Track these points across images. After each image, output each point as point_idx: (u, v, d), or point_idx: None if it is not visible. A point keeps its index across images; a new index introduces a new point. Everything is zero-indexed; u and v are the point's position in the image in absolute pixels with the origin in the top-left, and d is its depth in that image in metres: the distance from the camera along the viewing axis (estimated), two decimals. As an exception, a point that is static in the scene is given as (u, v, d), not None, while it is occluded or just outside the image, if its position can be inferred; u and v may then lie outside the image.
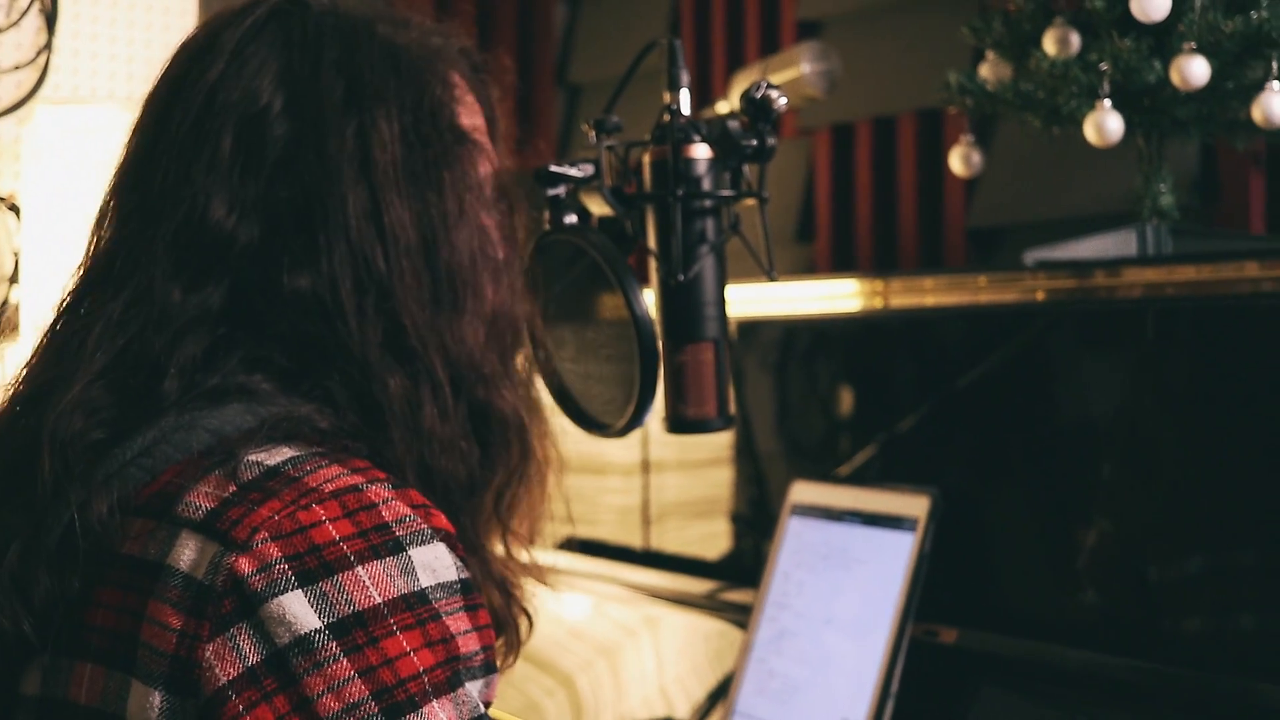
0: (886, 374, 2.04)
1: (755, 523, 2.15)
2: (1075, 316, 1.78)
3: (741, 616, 1.99)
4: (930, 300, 1.96)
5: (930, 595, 1.71)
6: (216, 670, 0.91)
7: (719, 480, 2.25)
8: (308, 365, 1.04)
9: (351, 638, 0.92)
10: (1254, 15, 1.66)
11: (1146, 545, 1.64)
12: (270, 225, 1.04)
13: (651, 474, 2.34)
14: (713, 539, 2.24)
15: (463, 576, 0.99)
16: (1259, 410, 1.58)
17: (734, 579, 2.11)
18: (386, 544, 0.95)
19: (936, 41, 2.55)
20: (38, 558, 0.98)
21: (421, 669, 0.93)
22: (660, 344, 1.35)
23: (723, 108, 2.17)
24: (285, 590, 0.92)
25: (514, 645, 1.14)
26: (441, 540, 0.98)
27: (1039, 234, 2.38)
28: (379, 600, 0.93)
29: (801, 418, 2.15)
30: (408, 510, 0.98)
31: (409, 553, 0.96)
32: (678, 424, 1.43)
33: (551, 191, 1.36)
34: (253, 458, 0.98)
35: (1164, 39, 1.71)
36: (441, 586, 0.97)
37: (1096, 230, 1.90)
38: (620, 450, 2.37)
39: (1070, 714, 1.64)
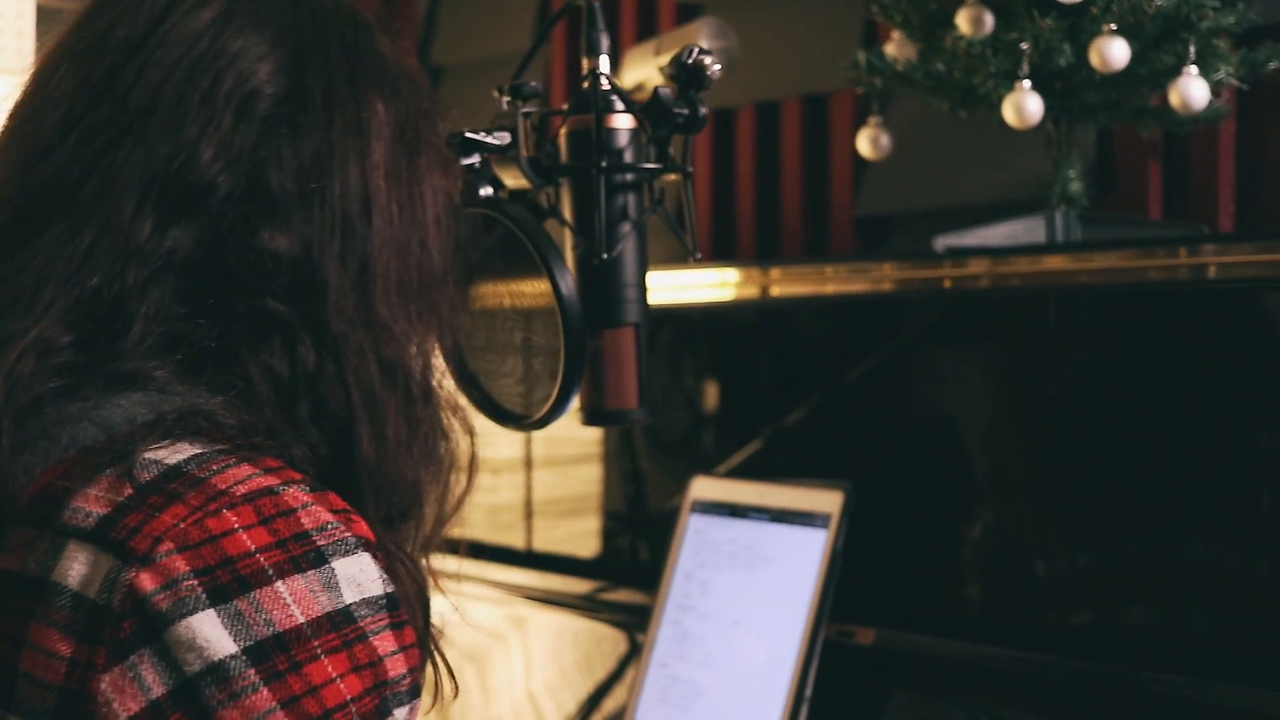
0: (776, 364, 1.96)
1: (634, 521, 2.06)
2: (979, 303, 1.73)
3: (620, 617, 1.90)
4: (831, 288, 1.90)
5: (844, 594, 1.64)
6: (115, 705, 0.79)
7: (590, 477, 2.15)
8: (242, 344, 0.94)
9: (272, 663, 0.81)
10: (1171, -3, 1.62)
11: (1052, 537, 1.59)
12: (256, 178, 0.95)
13: (531, 470, 2.24)
14: (587, 538, 2.15)
15: (388, 590, 0.88)
16: (1163, 399, 1.54)
17: (615, 579, 2.02)
18: (307, 555, 0.84)
19: (821, 24, 2.49)
20: None
21: (349, 697, 0.83)
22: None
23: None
24: (195, 610, 0.80)
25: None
26: (365, 550, 0.88)
27: (929, 222, 2.34)
28: (301, 620, 0.82)
29: (684, 411, 2.07)
30: (329, 516, 0.87)
31: (331, 564, 0.85)
32: (595, 416, 1.33)
33: (466, 160, 1.25)
34: (150, 455, 0.86)
35: (1077, 21, 1.66)
36: (366, 602, 0.86)
37: (991, 218, 1.86)
38: (497, 445, 2.26)
39: (977, 713, 1.59)
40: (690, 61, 1.25)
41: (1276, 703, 1.40)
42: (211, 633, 0.80)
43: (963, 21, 1.71)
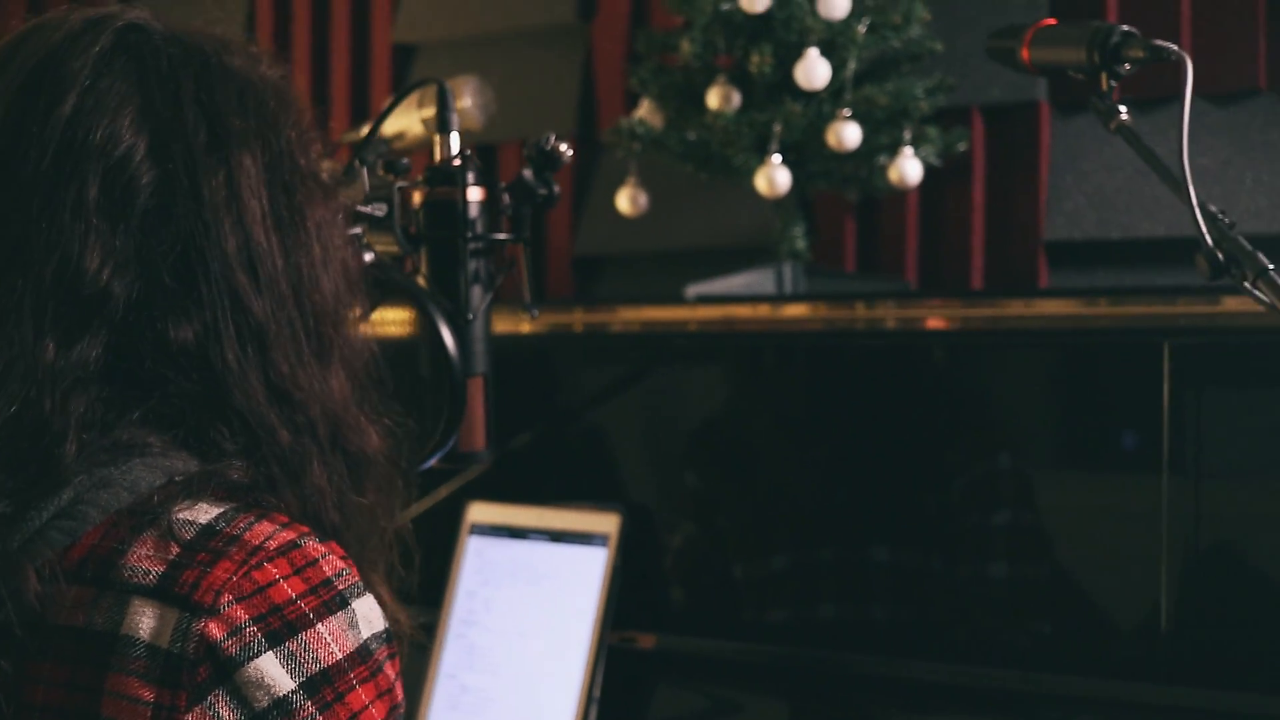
0: (537, 398, 2.15)
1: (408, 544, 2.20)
2: (720, 349, 1.98)
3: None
4: (579, 328, 2.10)
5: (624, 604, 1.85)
6: None
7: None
8: (195, 421, 1.01)
9: (322, 695, 0.93)
10: (891, 85, 1.92)
11: (781, 549, 1.87)
12: (149, 277, 0.99)
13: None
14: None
15: (386, 625, 1.01)
16: (856, 429, 1.85)
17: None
18: (334, 599, 0.96)
19: (536, 73, 2.68)
20: None
21: (379, 719, 0.96)
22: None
23: (367, 131, 2.20)
24: (259, 653, 0.91)
25: None
26: (369, 590, 1.00)
27: (640, 266, 2.58)
28: (340, 655, 0.94)
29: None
30: (341, 564, 0.98)
31: (352, 605, 0.97)
32: (447, 457, 1.48)
33: (352, 230, 1.38)
34: (181, 515, 0.95)
35: (818, 105, 1.94)
36: (376, 637, 0.98)
37: (708, 263, 2.12)
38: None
39: (721, 701, 1.84)
40: (548, 148, 1.43)
41: (944, 671, 1.73)
42: (274, 672, 0.91)
43: (713, 98, 1.95)
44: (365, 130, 2.24)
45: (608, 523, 1.88)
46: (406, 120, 2.22)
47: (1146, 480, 1.63)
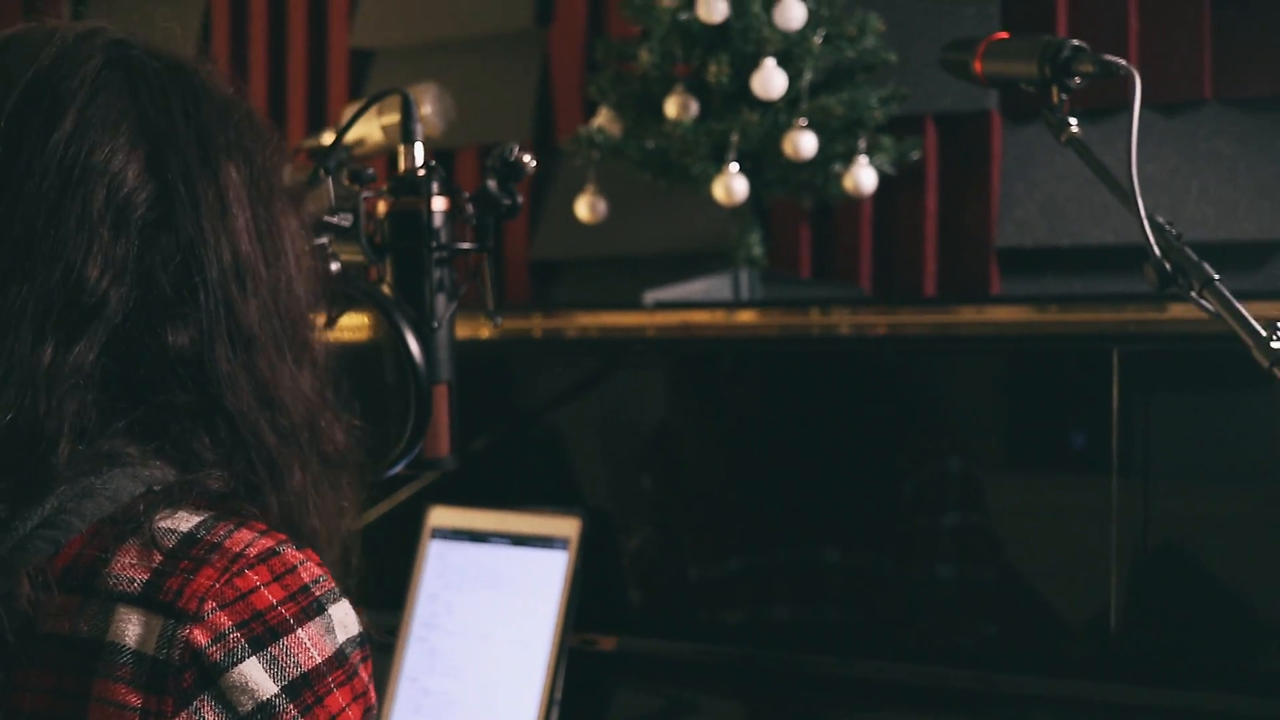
0: (496, 402, 2.17)
1: (368, 548, 2.21)
2: (678, 354, 2.01)
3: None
4: (538, 333, 2.12)
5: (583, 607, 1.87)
6: None
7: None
8: (177, 431, 1.03)
9: (303, 699, 0.95)
10: (846, 95, 1.95)
11: (737, 551, 1.90)
12: (147, 285, 1.02)
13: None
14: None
15: (360, 630, 1.03)
16: (810, 436, 1.88)
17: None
18: (312, 605, 0.98)
19: (493, 79, 2.70)
20: None
21: None
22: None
23: (328, 137, 2.21)
24: (243, 658, 0.93)
25: None
26: (344, 596, 1.02)
27: (598, 271, 2.61)
28: (319, 660, 0.96)
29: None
30: (318, 570, 1.01)
31: (329, 611, 0.99)
32: (412, 464, 1.50)
33: (318, 241, 1.40)
34: (162, 524, 0.97)
35: (775, 115, 1.97)
36: (351, 641, 1.01)
37: (662, 269, 2.15)
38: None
39: (676, 700, 1.87)
40: (512, 160, 1.45)
41: (898, 671, 1.77)
42: (257, 676, 0.93)
43: (671, 107, 1.98)
44: (324, 136, 2.26)
45: (568, 526, 1.90)
46: (366, 127, 2.23)
47: (1096, 482, 1.67)
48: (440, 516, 1.99)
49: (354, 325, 1.45)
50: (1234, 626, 1.64)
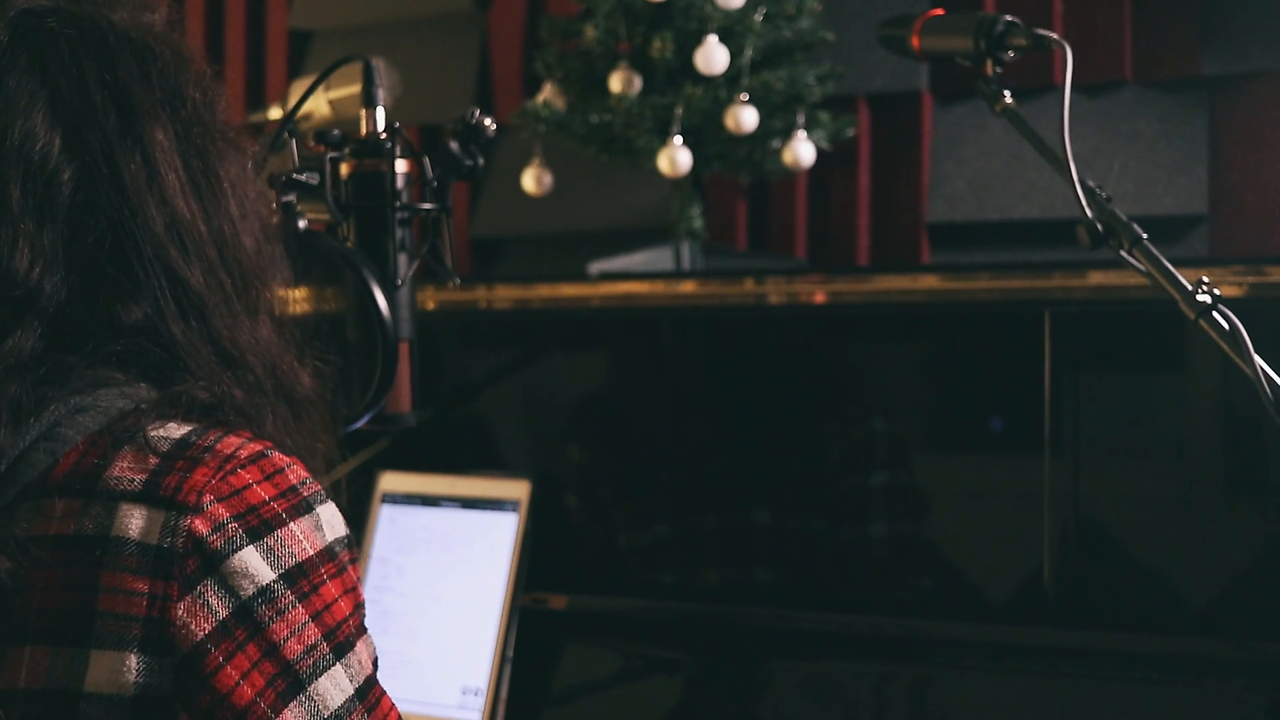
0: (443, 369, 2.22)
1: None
2: (621, 323, 2.07)
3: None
4: (483, 305, 2.17)
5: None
6: (191, 627, 0.96)
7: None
8: (155, 361, 1.07)
9: (299, 586, 1.00)
10: (785, 72, 2.02)
11: (680, 511, 1.96)
12: (87, 269, 1.03)
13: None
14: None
15: (347, 532, 1.08)
16: (747, 402, 1.95)
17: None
18: (302, 503, 1.03)
19: (433, 59, 2.74)
20: None
21: (348, 613, 1.03)
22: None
23: (274, 112, 2.24)
24: (241, 546, 0.98)
25: None
26: (331, 499, 1.07)
27: (539, 246, 2.66)
28: (311, 552, 1.02)
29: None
30: (304, 473, 1.06)
31: (317, 510, 1.04)
32: (375, 419, 1.55)
33: (285, 198, 1.44)
34: (155, 433, 1.02)
35: (716, 90, 2.03)
36: (338, 541, 1.06)
37: (600, 243, 2.20)
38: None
39: (646, 654, 1.93)
40: (474, 122, 1.50)
41: (832, 621, 1.84)
42: (256, 563, 0.98)
43: (616, 82, 2.04)
44: (271, 111, 2.29)
45: (518, 489, 1.95)
46: (314, 102, 2.26)
47: (1029, 439, 1.75)
48: (391, 481, 2.04)
49: (311, 294, 1.48)
50: (1160, 568, 1.73)
